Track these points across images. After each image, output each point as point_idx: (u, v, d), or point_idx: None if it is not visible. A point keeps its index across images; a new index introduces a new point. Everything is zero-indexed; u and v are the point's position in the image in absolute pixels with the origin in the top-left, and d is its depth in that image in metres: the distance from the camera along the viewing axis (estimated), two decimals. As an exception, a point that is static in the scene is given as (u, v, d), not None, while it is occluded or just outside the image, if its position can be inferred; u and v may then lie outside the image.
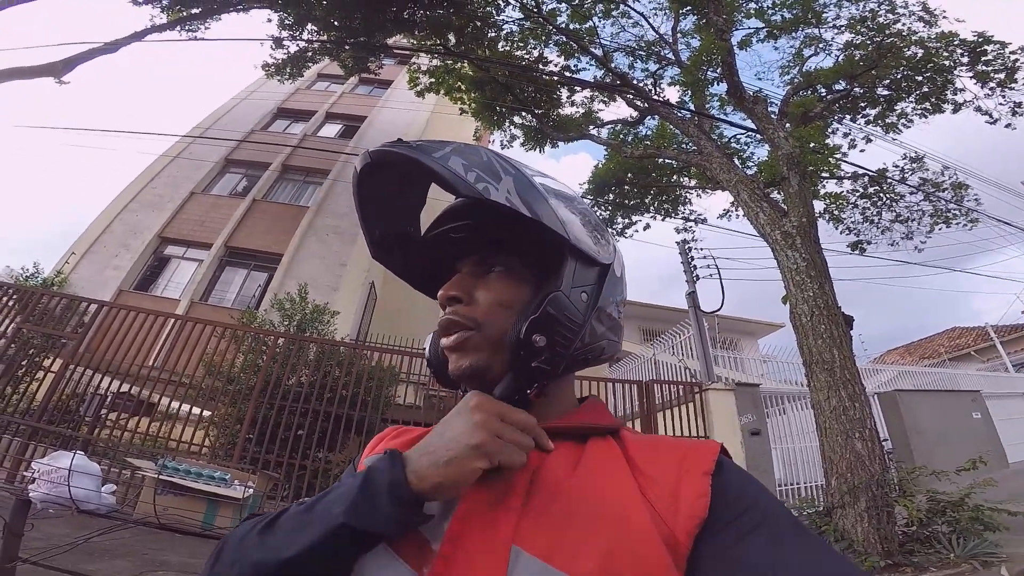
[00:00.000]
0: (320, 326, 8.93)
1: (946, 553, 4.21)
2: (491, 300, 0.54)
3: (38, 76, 9.55)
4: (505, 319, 0.53)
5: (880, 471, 4.64)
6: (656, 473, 0.46)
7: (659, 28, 9.43)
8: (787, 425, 7.77)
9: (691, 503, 0.43)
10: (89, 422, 5.94)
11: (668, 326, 11.60)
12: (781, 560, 0.39)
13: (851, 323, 5.63)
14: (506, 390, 0.52)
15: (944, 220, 9.53)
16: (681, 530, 0.41)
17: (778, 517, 0.43)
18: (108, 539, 2.15)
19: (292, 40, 10.10)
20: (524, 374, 0.51)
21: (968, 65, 8.01)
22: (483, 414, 0.45)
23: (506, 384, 0.52)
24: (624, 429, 0.54)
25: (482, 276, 0.56)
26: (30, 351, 5.99)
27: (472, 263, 0.57)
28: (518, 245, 0.55)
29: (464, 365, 0.53)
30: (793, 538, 0.41)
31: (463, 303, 0.54)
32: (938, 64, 7.97)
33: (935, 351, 20.75)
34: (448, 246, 0.59)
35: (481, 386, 0.52)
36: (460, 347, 0.53)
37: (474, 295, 0.55)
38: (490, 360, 0.52)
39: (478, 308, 0.54)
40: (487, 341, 0.53)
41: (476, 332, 0.53)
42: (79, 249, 12.73)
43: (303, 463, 5.52)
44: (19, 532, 1.81)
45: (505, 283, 0.55)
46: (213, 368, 6.01)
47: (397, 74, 17.52)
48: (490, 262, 0.57)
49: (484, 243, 0.57)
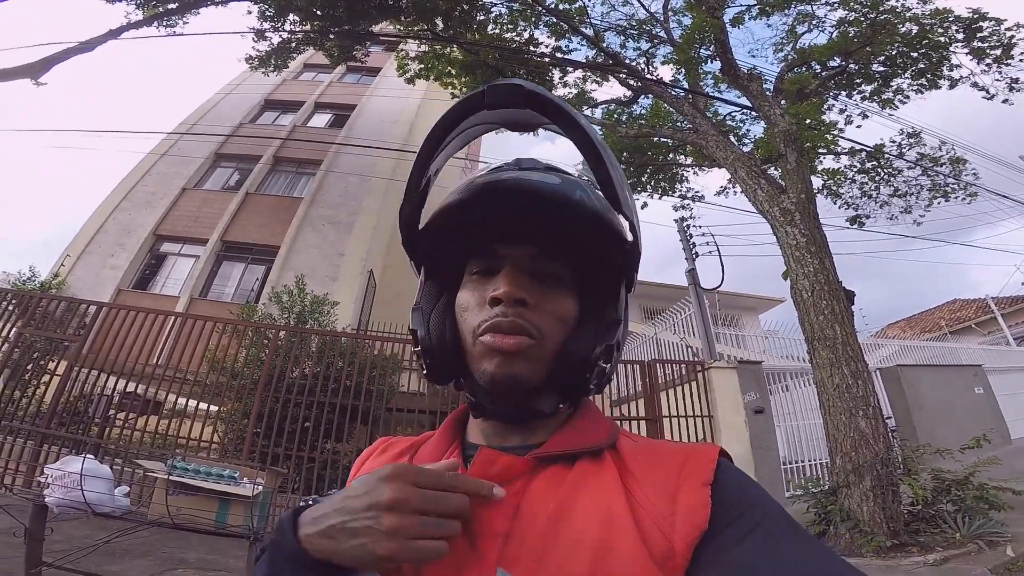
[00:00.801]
0: (321, 317, 8.94)
1: (951, 532, 4.24)
2: (554, 312, 0.51)
3: (15, 78, 9.41)
4: (560, 333, 0.51)
5: (884, 449, 4.67)
6: (653, 485, 0.45)
7: (650, 6, 9.29)
8: (791, 402, 7.82)
9: (690, 514, 0.42)
10: (98, 423, 5.98)
11: (669, 304, 11.63)
12: (778, 561, 0.39)
13: (852, 298, 5.63)
14: (551, 406, 0.51)
15: (942, 194, 9.52)
16: (680, 541, 0.41)
17: (775, 518, 0.42)
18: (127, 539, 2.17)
19: (274, 31, 9.88)
20: (566, 391, 0.51)
21: (964, 41, 7.96)
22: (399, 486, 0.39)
23: (550, 400, 0.51)
24: (622, 436, 0.52)
25: (541, 279, 0.52)
26: (34, 355, 6.01)
27: (529, 258, 0.52)
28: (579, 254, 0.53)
29: (515, 372, 0.49)
30: (790, 539, 0.41)
31: (528, 307, 0.50)
32: (933, 40, 7.89)
33: (936, 324, 20.82)
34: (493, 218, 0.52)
35: (514, 395, 0.50)
36: (519, 354, 0.48)
37: (540, 300, 0.50)
38: (539, 372, 0.50)
39: (543, 318, 0.50)
40: (543, 353, 0.50)
41: (537, 343, 0.49)
42: (74, 251, 12.70)
43: (312, 455, 5.56)
44: (40, 537, 1.83)
45: (562, 294, 0.52)
46: (217, 364, 6.03)
47: (385, 61, 17.27)
48: (547, 265, 0.52)
49: (545, 238, 0.52)
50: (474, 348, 0.51)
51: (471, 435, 0.55)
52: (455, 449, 0.54)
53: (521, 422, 0.52)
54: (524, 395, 0.50)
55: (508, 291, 0.49)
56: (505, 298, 0.49)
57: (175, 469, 2.41)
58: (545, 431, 0.52)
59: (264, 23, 9.77)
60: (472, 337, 0.51)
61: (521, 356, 0.48)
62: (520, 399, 0.50)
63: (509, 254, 0.52)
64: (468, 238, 0.54)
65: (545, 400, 0.51)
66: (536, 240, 0.52)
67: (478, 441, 0.54)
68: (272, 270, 12.39)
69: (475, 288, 0.53)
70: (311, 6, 9.08)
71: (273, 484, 3.06)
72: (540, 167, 0.53)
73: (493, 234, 0.52)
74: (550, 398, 0.51)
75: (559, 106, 0.48)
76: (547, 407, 0.51)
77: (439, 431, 0.58)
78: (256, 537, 2.31)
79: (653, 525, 0.42)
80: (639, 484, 0.45)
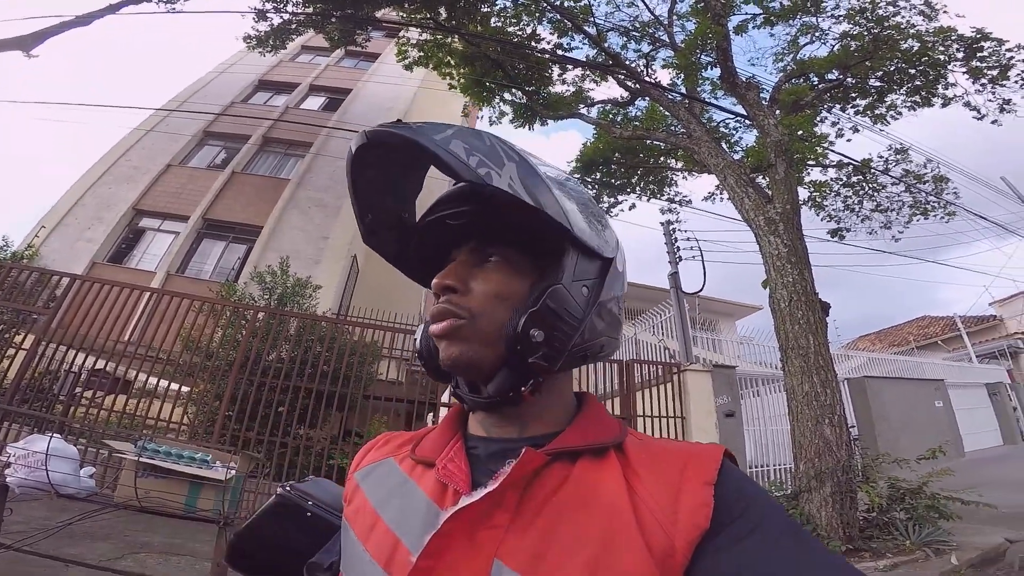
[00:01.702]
0: (302, 300, 8.82)
1: (902, 540, 4.40)
2: (487, 291, 0.52)
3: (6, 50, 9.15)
4: (501, 311, 0.51)
5: (846, 457, 4.82)
6: (656, 482, 0.45)
7: (655, 9, 9.30)
8: (760, 408, 8.00)
9: (692, 513, 0.42)
10: (63, 401, 5.78)
11: (650, 305, 11.77)
12: (778, 561, 0.40)
13: (827, 310, 5.77)
14: (500, 387, 0.51)
15: (922, 212, 9.70)
16: (681, 540, 0.41)
17: (775, 519, 0.43)
18: (89, 522, 2.14)
19: (276, 12, 9.68)
20: (520, 370, 0.50)
21: (963, 60, 8.04)
22: None
23: (501, 380, 0.51)
24: (629, 435, 0.52)
25: (478, 265, 0.54)
26: (0, 327, 5.78)
27: (468, 251, 0.55)
28: (517, 234, 0.53)
29: (454, 354, 0.51)
30: (790, 539, 0.41)
31: (458, 292, 0.52)
32: (933, 58, 7.96)
33: (904, 339, 21.48)
34: (444, 232, 0.56)
35: (473, 379, 0.53)
36: (449, 335, 0.51)
37: (470, 285, 0.53)
38: (482, 352, 0.51)
39: (473, 298, 0.52)
40: (479, 333, 0.51)
41: (468, 322, 0.51)
42: (49, 222, 12.32)
43: (284, 440, 5.51)
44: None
45: (502, 274, 0.53)
46: (191, 343, 5.90)
47: (385, 47, 17.01)
48: (487, 251, 0.54)
49: (481, 230, 0.55)
50: None
51: (472, 427, 0.57)
52: (457, 441, 0.54)
53: (498, 408, 0.53)
54: (480, 378, 0.52)
55: (435, 281, 0.53)
56: (435, 288, 0.53)
57: (145, 451, 2.38)
58: (544, 424, 0.53)
59: (266, 3, 9.58)
60: None
61: (452, 337, 0.51)
62: (478, 381, 0.53)
63: (456, 254, 0.56)
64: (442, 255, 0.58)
65: (499, 381, 0.51)
66: (474, 232, 0.55)
67: (478, 433, 0.55)
68: (254, 250, 12.18)
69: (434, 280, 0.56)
70: (315, -13, 8.95)
71: (246, 469, 3.04)
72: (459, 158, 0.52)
73: (451, 242, 0.57)
74: (504, 378, 0.51)
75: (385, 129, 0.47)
76: (502, 387, 0.51)
77: (441, 424, 0.59)
78: (226, 522, 2.29)
79: (655, 522, 0.42)
80: (642, 481, 0.46)
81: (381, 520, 0.51)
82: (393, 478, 0.55)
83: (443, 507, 0.47)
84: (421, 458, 0.55)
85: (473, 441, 0.55)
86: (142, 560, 2.98)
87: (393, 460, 0.58)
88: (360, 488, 0.57)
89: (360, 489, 0.57)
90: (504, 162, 0.48)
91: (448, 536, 0.44)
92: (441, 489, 0.50)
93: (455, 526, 0.44)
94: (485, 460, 0.51)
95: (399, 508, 0.51)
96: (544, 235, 0.51)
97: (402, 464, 0.56)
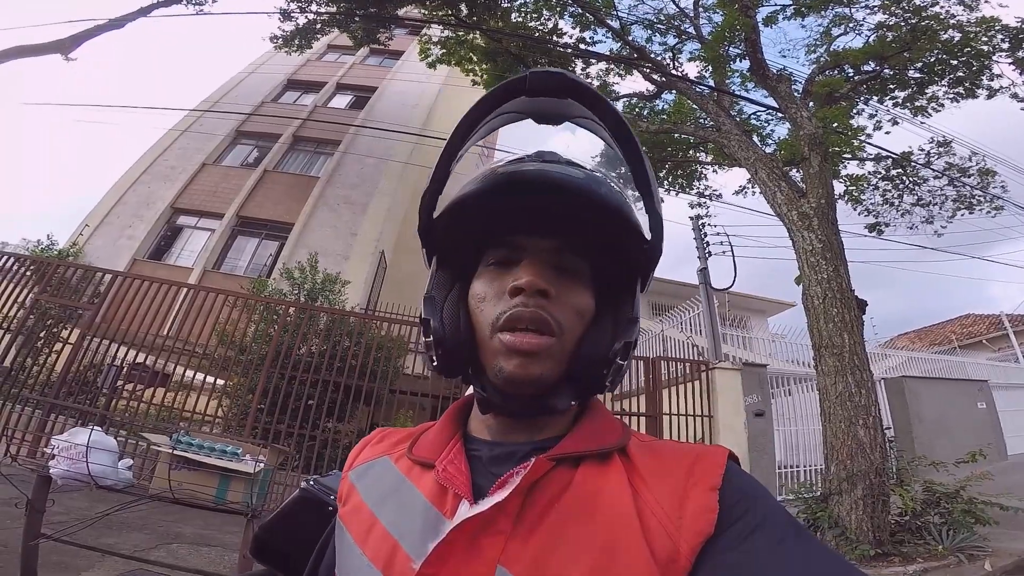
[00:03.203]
0: (331, 295, 9.02)
1: (935, 545, 4.23)
2: (574, 306, 0.49)
3: (45, 53, 9.55)
4: (579, 327, 0.50)
5: (880, 459, 4.64)
6: (661, 487, 0.45)
7: (680, 1, 9.07)
8: (792, 407, 7.79)
9: (697, 519, 0.42)
10: (106, 394, 6.08)
11: (678, 301, 11.59)
12: (780, 561, 0.39)
13: (864, 308, 5.56)
14: (563, 403, 0.50)
15: (967, 206, 9.31)
16: (686, 544, 0.41)
17: (777, 520, 0.42)
18: (125, 512, 2.24)
19: (300, 12, 9.88)
20: (584, 388, 0.50)
21: (1008, 51, 7.66)
22: None
23: (566, 398, 0.50)
24: (633, 438, 0.51)
25: (560, 273, 0.50)
26: (48, 322, 6.12)
27: (551, 248, 0.50)
28: (600, 251, 0.52)
29: (535, 373, 0.47)
30: (792, 540, 0.41)
31: (550, 299, 0.48)
32: (976, 49, 7.62)
33: (946, 338, 20.45)
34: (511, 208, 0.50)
35: (534, 393, 0.48)
36: (539, 353, 0.47)
37: (561, 292, 0.49)
38: (556, 368, 0.48)
39: (563, 310, 0.49)
40: (562, 350, 0.48)
41: (558, 340, 0.48)
42: (93, 221, 12.93)
43: (313, 434, 5.65)
44: (41, 508, 1.88)
45: (581, 289, 0.51)
46: (226, 338, 6.12)
47: (408, 45, 17.15)
48: (568, 259, 0.51)
49: (572, 232, 0.50)
50: (491, 342, 0.49)
51: (473, 428, 0.55)
52: (457, 443, 0.52)
53: (531, 418, 0.51)
54: (539, 392, 0.49)
55: (531, 280, 0.47)
56: (528, 287, 0.47)
57: (179, 443, 2.47)
58: (552, 428, 0.51)
59: (291, 3, 9.78)
60: (491, 330, 0.49)
61: (541, 356, 0.47)
62: (535, 396, 0.49)
63: (531, 245, 0.50)
64: (486, 228, 0.52)
65: (560, 397, 0.49)
66: (558, 233, 0.50)
67: (481, 435, 0.53)
68: (285, 246, 12.51)
69: (493, 278, 0.51)
70: (338, -14, 9.09)
71: (275, 462, 3.12)
72: (562, 160, 0.52)
73: (514, 225, 0.51)
74: (565, 395, 0.49)
75: (599, 97, 0.49)
76: (561, 404, 0.49)
77: (439, 422, 0.57)
78: (253, 514, 2.36)
79: (659, 527, 0.42)
80: (647, 485, 0.45)
81: (379, 522, 0.49)
82: (389, 478, 0.53)
83: (442, 510, 0.46)
84: (419, 458, 0.52)
85: (474, 443, 0.53)
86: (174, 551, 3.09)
87: (389, 459, 0.56)
88: (355, 488, 0.55)
89: (355, 489, 0.55)
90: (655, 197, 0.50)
91: (451, 543, 0.43)
92: (440, 492, 0.48)
93: (458, 534, 0.43)
94: (487, 463, 0.50)
95: (397, 511, 0.49)
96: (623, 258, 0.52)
97: (398, 463, 0.54)
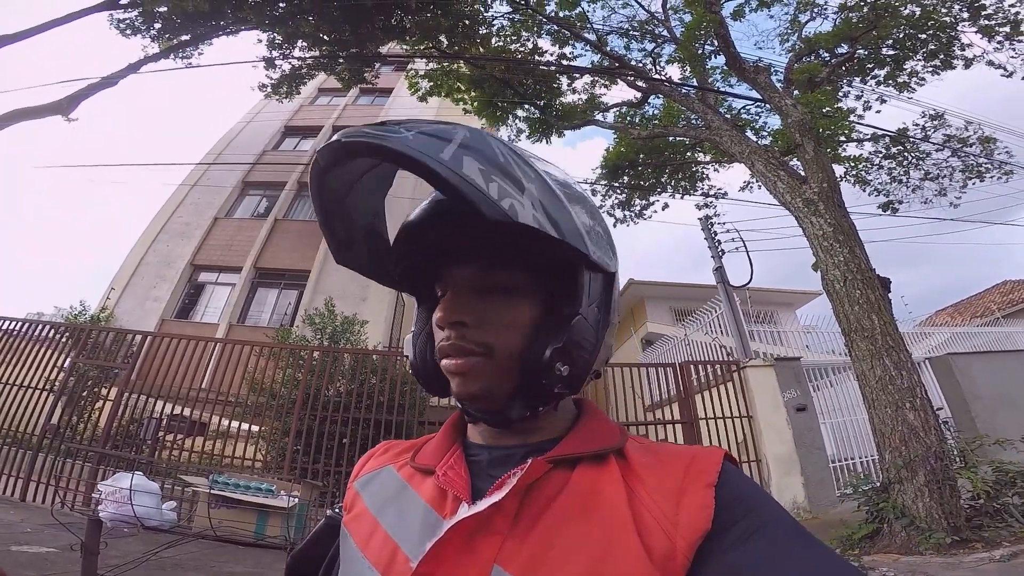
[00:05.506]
0: (352, 336, 9.15)
1: (1019, 527, 4.00)
2: (502, 322, 0.49)
3: (46, 115, 9.68)
4: (516, 340, 0.49)
5: (937, 442, 4.44)
6: (659, 486, 0.45)
7: (648, 6, 9.33)
8: (836, 398, 7.51)
9: (693, 515, 0.42)
10: (150, 444, 6.35)
11: (699, 304, 11.40)
12: (781, 563, 0.39)
13: (888, 286, 5.43)
14: (520, 414, 0.49)
15: (976, 175, 9.23)
16: (683, 541, 0.41)
17: (777, 521, 0.42)
18: (177, 554, 2.26)
19: (283, 59, 10.11)
20: (538, 395, 0.49)
21: (970, 20, 7.84)
22: None
23: (520, 408, 0.49)
24: (630, 440, 0.51)
25: (486, 291, 0.50)
26: (87, 383, 6.43)
27: (472, 274, 0.50)
28: (526, 259, 0.49)
29: (472, 390, 0.49)
30: (793, 541, 0.41)
31: (469, 327, 0.49)
32: (939, 21, 7.81)
33: (987, 308, 19.60)
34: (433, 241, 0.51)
35: (487, 407, 0.50)
36: (467, 372, 0.49)
37: (481, 316, 0.49)
38: (499, 384, 0.49)
39: (488, 331, 0.49)
40: (497, 366, 0.49)
41: (485, 358, 0.48)
42: (119, 284, 13.40)
43: (348, 469, 5.66)
44: (95, 550, 1.93)
45: (513, 300, 0.50)
46: (256, 385, 6.25)
47: (396, 81, 17.64)
48: (494, 276, 0.50)
49: (487, 253, 0.49)
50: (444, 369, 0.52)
51: (472, 436, 0.56)
52: (456, 450, 0.54)
53: (502, 427, 0.51)
54: (495, 406, 0.50)
55: (442, 316, 0.49)
56: (444, 324, 0.49)
57: (216, 483, 2.51)
58: (545, 431, 0.52)
59: (273, 51, 9.99)
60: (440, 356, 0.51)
61: (472, 374, 0.48)
62: (488, 410, 0.50)
63: (454, 275, 0.51)
64: (427, 268, 0.54)
65: (513, 409, 0.50)
66: (479, 254, 0.50)
67: (478, 441, 0.55)
68: (304, 294, 12.78)
69: (437, 311, 0.51)
70: (317, 31, 9.29)
71: (309, 496, 3.14)
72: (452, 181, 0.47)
73: (443, 258, 0.52)
74: (517, 406, 0.50)
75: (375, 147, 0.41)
76: (514, 415, 0.50)
77: (440, 432, 0.58)
78: (292, 547, 2.38)
79: (656, 525, 0.42)
80: (643, 484, 0.45)
81: (380, 527, 0.50)
82: (392, 485, 0.55)
83: (442, 513, 0.47)
84: (420, 465, 0.54)
85: (474, 449, 0.54)
86: (226, 589, 3.09)
87: (392, 468, 0.57)
88: (360, 496, 0.57)
89: (360, 497, 0.56)
90: (523, 184, 0.44)
91: (448, 542, 0.44)
92: (440, 495, 0.49)
93: (455, 533, 0.44)
94: (486, 467, 0.51)
95: (398, 515, 0.51)
96: (556, 258, 0.49)
97: (401, 471, 0.56)
